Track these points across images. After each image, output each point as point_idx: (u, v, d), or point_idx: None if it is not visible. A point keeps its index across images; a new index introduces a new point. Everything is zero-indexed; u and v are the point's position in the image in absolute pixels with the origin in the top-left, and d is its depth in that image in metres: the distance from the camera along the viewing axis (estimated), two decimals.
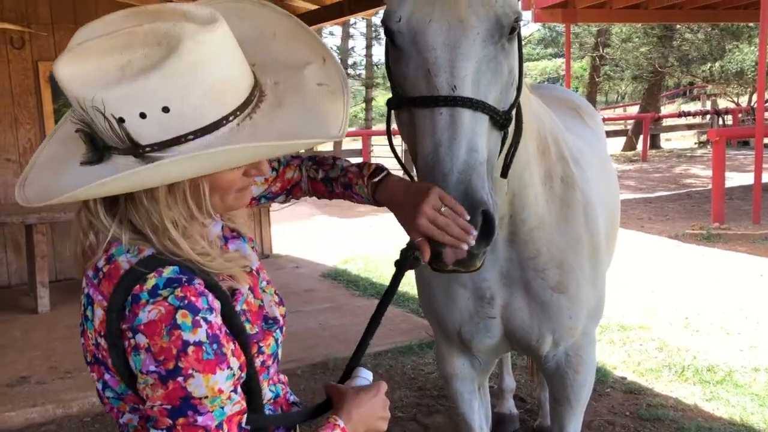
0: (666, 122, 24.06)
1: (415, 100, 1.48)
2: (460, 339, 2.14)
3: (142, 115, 1.02)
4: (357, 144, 19.55)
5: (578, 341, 2.14)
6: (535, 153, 1.89)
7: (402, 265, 1.48)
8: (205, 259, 1.15)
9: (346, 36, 21.16)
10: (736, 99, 25.62)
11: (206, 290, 1.11)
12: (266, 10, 1.29)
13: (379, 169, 1.55)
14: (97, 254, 1.15)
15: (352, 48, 22.14)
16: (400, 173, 1.67)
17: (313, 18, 6.96)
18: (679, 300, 5.82)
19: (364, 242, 9.11)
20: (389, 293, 1.48)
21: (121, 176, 1.03)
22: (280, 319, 1.33)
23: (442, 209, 1.37)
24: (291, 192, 1.66)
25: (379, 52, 21.44)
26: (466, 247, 1.39)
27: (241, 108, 1.11)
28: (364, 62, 21.72)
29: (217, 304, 1.11)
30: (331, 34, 21.70)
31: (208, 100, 1.06)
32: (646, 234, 8.73)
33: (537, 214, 1.93)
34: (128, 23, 1.05)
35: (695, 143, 22.44)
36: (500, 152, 1.60)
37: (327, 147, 21.26)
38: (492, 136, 1.51)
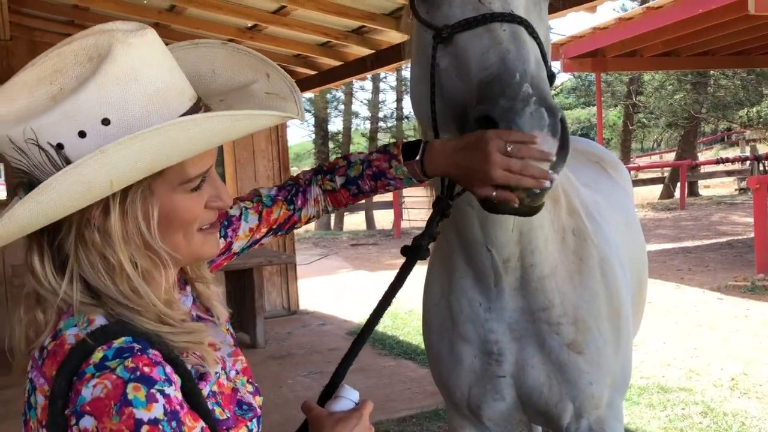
0: (704, 169, 23.59)
1: (470, 22, 1.36)
2: (469, 408, 1.97)
3: (82, 134, 0.93)
4: (388, 196, 19.53)
5: (603, 415, 1.94)
6: None
7: (414, 254, 1.43)
8: (169, 316, 1.02)
9: (377, 90, 21.44)
10: None
11: (163, 361, 0.96)
12: (199, 50, 1.21)
13: (411, 144, 1.42)
14: (44, 333, 1.01)
15: (383, 101, 22.38)
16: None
17: (336, 74, 7.01)
18: (724, 359, 5.47)
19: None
20: (396, 286, 1.42)
21: (62, 173, 0.90)
22: (257, 408, 1.17)
23: (509, 148, 1.23)
24: (281, 228, 1.52)
25: (409, 105, 21.61)
26: (548, 184, 1.26)
27: (189, 114, 1.00)
28: (394, 115, 21.94)
29: (176, 378, 0.97)
30: (362, 88, 22.04)
31: (153, 107, 0.96)
32: (686, 286, 8.37)
33: (548, 261, 1.78)
34: (59, 46, 0.97)
35: (735, 190, 21.87)
36: None
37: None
38: None
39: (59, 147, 0.93)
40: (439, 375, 2.02)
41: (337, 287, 10.02)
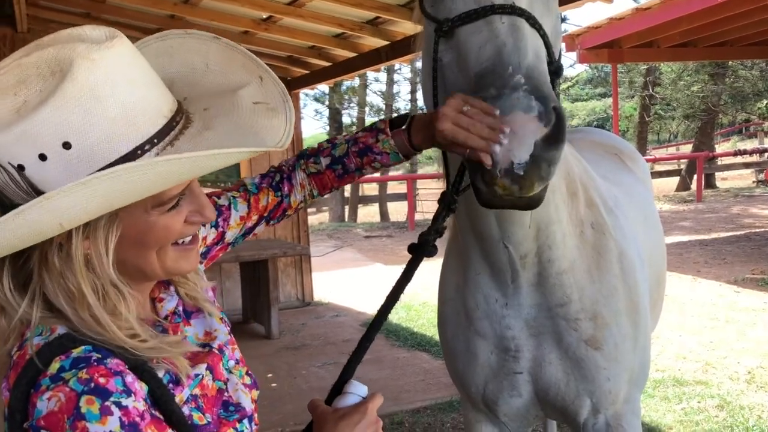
0: (721, 161, 23.35)
1: (470, 15, 1.34)
2: (485, 403, 1.96)
3: (42, 157, 0.88)
4: (402, 188, 19.53)
5: (620, 410, 1.93)
6: (562, 188, 1.73)
7: (421, 251, 1.42)
8: (135, 341, 0.97)
9: (391, 82, 21.38)
10: None
11: (125, 370, 0.93)
12: (193, 40, 1.16)
13: (399, 118, 1.42)
14: (9, 341, 0.98)
15: (397, 93, 22.31)
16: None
17: (351, 65, 6.99)
18: (740, 352, 5.42)
19: (406, 290, 8.92)
20: (402, 284, 1.40)
21: (5, 219, 0.86)
22: (248, 406, 1.14)
23: (465, 108, 1.23)
24: (272, 216, 1.50)
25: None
26: (497, 149, 1.21)
27: (160, 135, 0.95)
28: (409, 107, 21.87)
29: (138, 386, 0.93)
30: (376, 80, 21.98)
31: (118, 128, 0.91)
32: (703, 279, 8.31)
33: (566, 256, 1.76)
34: (17, 56, 0.92)
35: (753, 182, 21.64)
36: None
37: (374, 191, 21.31)
38: None
39: (20, 168, 0.89)
40: (455, 370, 2.02)
41: (351, 279, 10.04)
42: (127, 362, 0.95)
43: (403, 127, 1.40)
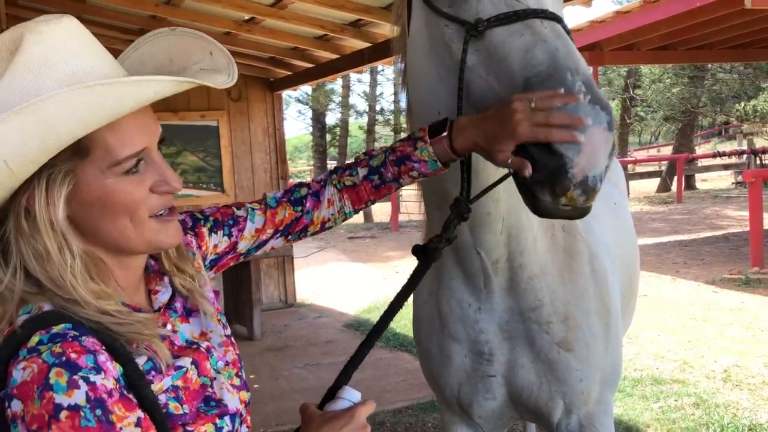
0: (701, 162, 23.64)
1: (509, 16, 1.29)
2: (460, 405, 1.98)
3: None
4: None
5: (592, 410, 1.95)
6: None
7: (430, 258, 1.40)
8: (97, 303, 1.00)
9: (374, 83, 21.44)
10: None
11: (100, 350, 0.96)
12: (158, 39, 1.22)
13: (437, 124, 1.37)
14: (2, 322, 1.01)
15: (380, 94, 22.39)
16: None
17: (334, 67, 7.01)
18: (717, 351, 5.51)
19: (389, 289, 8.95)
20: (408, 290, 1.39)
21: None
22: (231, 404, 1.16)
23: (533, 104, 1.17)
24: (290, 231, 1.48)
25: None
26: (582, 137, 1.15)
27: None
28: (392, 108, 21.96)
29: (111, 366, 0.96)
30: (359, 81, 22.00)
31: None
32: (682, 279, 8.42)
33: (537, 261, 1.77)
34: None
35: (732, 183, 21.92)
36: None
37: None
38: None
39: None
40: (430, 373, 2.03)
41: (334, 280, 10.05)
42: (104, 343, 0.98)
43: (444, 133, 1.34)
